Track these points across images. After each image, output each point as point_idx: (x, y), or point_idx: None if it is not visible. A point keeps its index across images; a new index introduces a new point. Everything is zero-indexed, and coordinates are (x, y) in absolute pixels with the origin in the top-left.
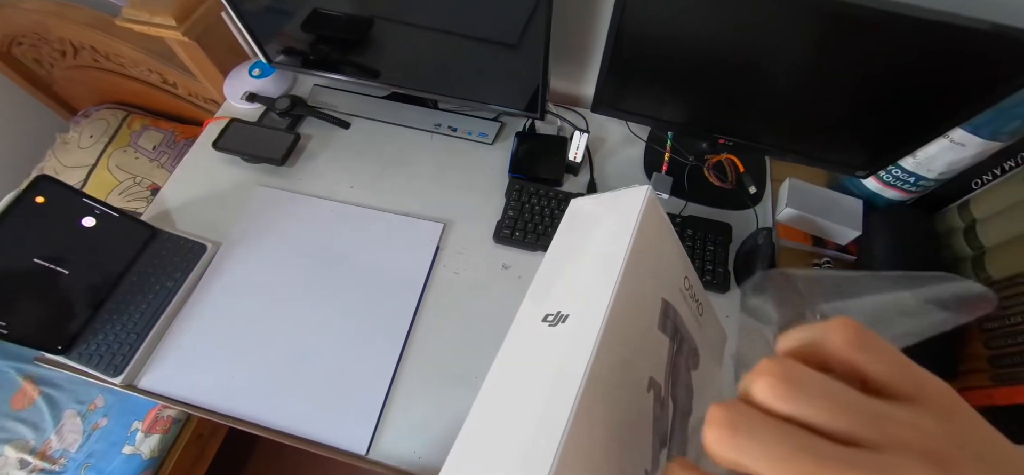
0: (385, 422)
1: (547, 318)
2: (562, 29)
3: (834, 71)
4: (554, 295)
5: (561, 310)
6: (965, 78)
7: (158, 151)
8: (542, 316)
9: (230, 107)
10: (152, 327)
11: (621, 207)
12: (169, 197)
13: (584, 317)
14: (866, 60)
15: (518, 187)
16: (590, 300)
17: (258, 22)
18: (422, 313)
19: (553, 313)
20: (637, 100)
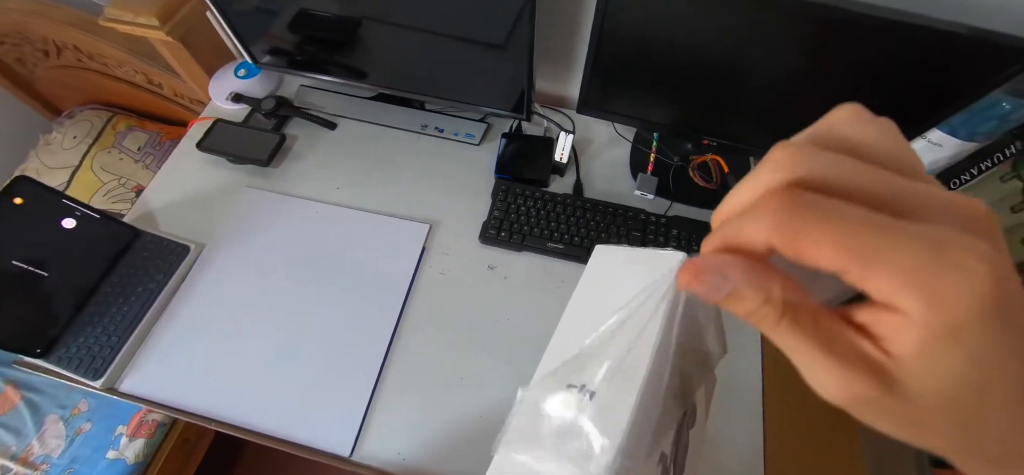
0: (369, 424)
1: (571, 387)
2: (547, 30)
3: (814, 73)
4: (582, 366)
5: (586, 383)
6: (941, 80)
7: (143, 152)
8: (566, 384)
9: (215, 108)
10: (134, 330)
11: (656, 270)
12: (152, 198)
13: (613, 400)
14: (845, 62)
15: (504, 188)
16: (619, 384)
17: (243, 22)
18: (407, 314)
19: (578, 385)
20: (622, 101)
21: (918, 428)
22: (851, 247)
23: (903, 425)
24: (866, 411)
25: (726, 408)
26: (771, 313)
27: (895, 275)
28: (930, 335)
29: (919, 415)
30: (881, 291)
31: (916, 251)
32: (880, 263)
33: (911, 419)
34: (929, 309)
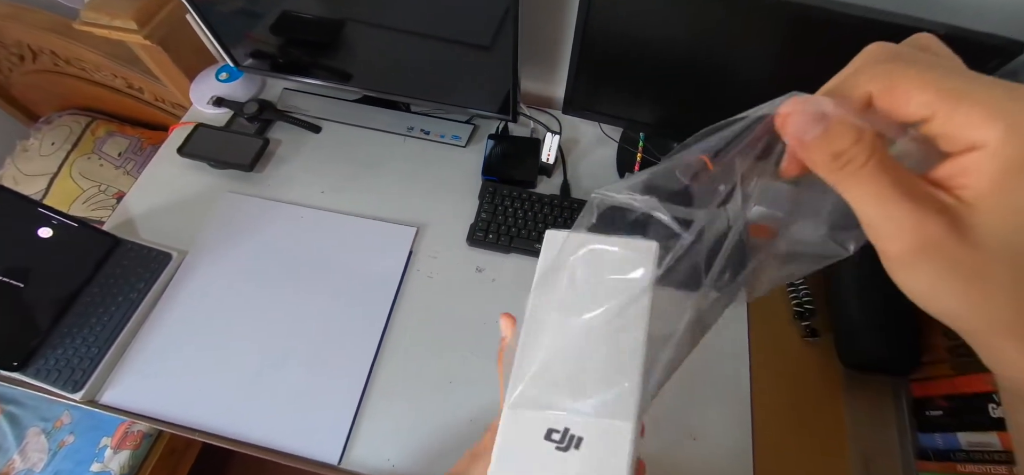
0: (358, 430)
1: (552, 436)
2: (532, 31)
3: (795, 71)
4: (557, 399)
5: (570, 429)
6: None
7: (124, 158)
8: (545, 432)
9: (197, 112)
10: (115, 340)
11: (628, 267)
12: (133, 205)
13: (604, 448)
14: (825, 60)
15: (491, 189)
16: (607, 424)
17: (224, 25)
18: (395, 318)
19: (560, 430)
20: (607, 102)
21: (977, 280)
22: (942, 89)
23: (961, 276)
24: (929, 262)
25: (714, 403)
26: (861, 152)
27: (980, 107)
28: (1005, 166)
29: (981, 263)
30: (966, 124)
31: (997, 90)
32: (967, 99)
33: (971, 268)
34: (1008, 136)
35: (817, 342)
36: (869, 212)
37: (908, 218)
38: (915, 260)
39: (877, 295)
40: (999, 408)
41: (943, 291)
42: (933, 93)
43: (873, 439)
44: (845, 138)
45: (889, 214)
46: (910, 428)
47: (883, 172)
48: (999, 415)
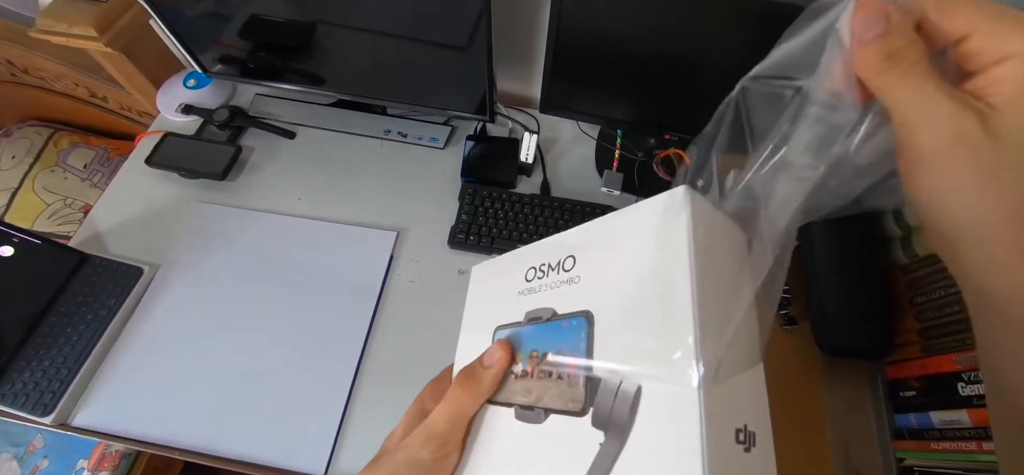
0: (343, 440)
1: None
2: (506, 31)
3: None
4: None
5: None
6: None
7: (90, 170)
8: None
9: (165, 120)
10: (85, 360)
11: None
12: (100, 219)
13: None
14: None
15: (471, 191)
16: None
17: (190, 30)
18: (378, 325)
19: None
20: (583, 100)
21: (996, 174)
22: (984, 9)
23: (982, 171)
24: (959, 154)
25: None
26: (914, 51)
27: (1014, 22)
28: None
29: (1002, 159)
30: (1002, 37)
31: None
32: (1004, 17)
33: (993, 163)
34: None
35: (795, 330)
36: (914, 108)
37: (948, 112)
38: (948, 151)
39: (852, 283)
40: (968, 387)
41: (965, 185)
42: (976, 12)
43: (851, 421)
44: (903, 38)
45: (932, 109)
46: (886, 410)
47: (930, 73)
48: (968, 393)
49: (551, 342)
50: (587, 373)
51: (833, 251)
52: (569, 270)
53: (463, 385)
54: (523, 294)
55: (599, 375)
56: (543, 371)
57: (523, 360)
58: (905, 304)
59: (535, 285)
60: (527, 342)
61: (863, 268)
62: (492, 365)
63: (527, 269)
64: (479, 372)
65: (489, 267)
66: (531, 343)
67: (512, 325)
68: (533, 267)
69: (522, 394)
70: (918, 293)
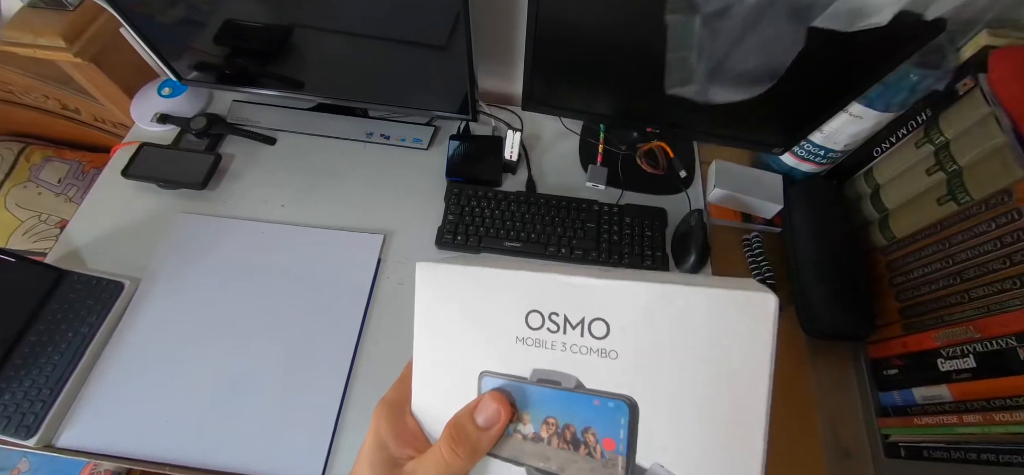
0: (338, 447)
1: None
2: (486, 29)
3: None
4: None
5: None
6: (856, 57)
7: (65, 184)
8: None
9: (140, 131)
10: (68, 379)
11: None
12: (77, 234)
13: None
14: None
15: (457, 191)
16: None
17: (163, 37)
18: (368, 329)
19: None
20: (565, 95)
21: None
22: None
23: None
24: None
25: None
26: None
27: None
28: None
29: None
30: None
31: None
32: None
33: None
34: None
35: (781, 315)
36: None
37: None
38: None
39: (833, 268)
40: (947, 362)
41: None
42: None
43: (838, 401)
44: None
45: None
46: (870, 388)
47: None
48: (947, 368)
49: (577, 416)
50: (627, 453)
51: (814, 237)
52: (600, 339)
53: (454, 448)
54: (525, 343)
55: (644, 465)
56: (564, 440)
57: (533, 422)
58: (885, 285)
59: (544, 337)
60: (539, 405)
61: (843, 252)
62: (490, 427)
63: (528, 311)
64: (473, 434)
65: (450, 275)
66: (546, 408)
67: (511, 377)
68: (539, 312)
69: (537, 458)
70: (897, 274)
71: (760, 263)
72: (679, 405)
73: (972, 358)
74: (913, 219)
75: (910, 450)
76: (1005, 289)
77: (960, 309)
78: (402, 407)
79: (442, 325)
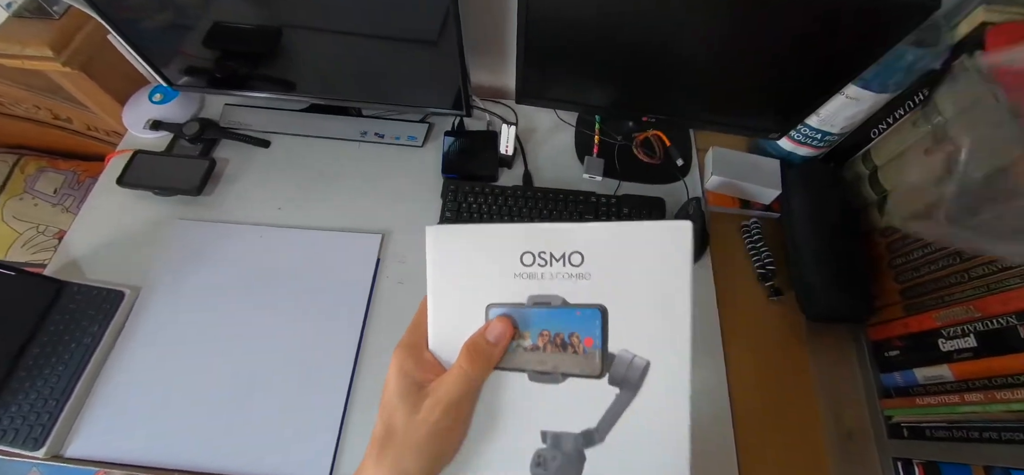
0: (344, 446)
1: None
2: (477, 22)
3: (735, 42)
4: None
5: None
6: (851, 39)
7: (61, 195)
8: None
9: (133, 138)
10: (73, 389)
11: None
12: (75, 244)
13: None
14: (763, 30)
15: (453, 187)
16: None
17: (152, 43)
18: (370, 329)
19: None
20: (558, 87)
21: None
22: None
23: None
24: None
25: (698, 389)
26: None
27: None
28: None
29: None
30: None
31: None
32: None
33: None
34: None
35: (781, 300)
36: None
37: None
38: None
39: (832, 251)
40: (948, 342)
41: None
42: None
43: (840, 384)
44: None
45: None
46: (872, 370)
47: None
48: (948, 348)
49: (564, 325)
50: (603, 346)
51: (813, 221)
52: (578, 265)
53: (472, 360)
54: (521, 277)
55: (614, 352)
56: (555, 345)
57: (531, 337)
58: (884, 266)
59: (535, 271)
60: (535, 322)
61: (842, 235)
62: (499, 341)
63: (521, 253)
64: (486, 348)
65: (454, 235)
66: (540, 323)
67: (511, 305)
68: (531, 252)
69: (537, 363)
70: (896, 255)
71: (759, 249)
72: (634, 305)
73: (973, 337)
74: (912, 200)
75: (913, 430)
76: (1004, 268)
77: (960, 289)
78: (419, 346)
79: (452, 274)
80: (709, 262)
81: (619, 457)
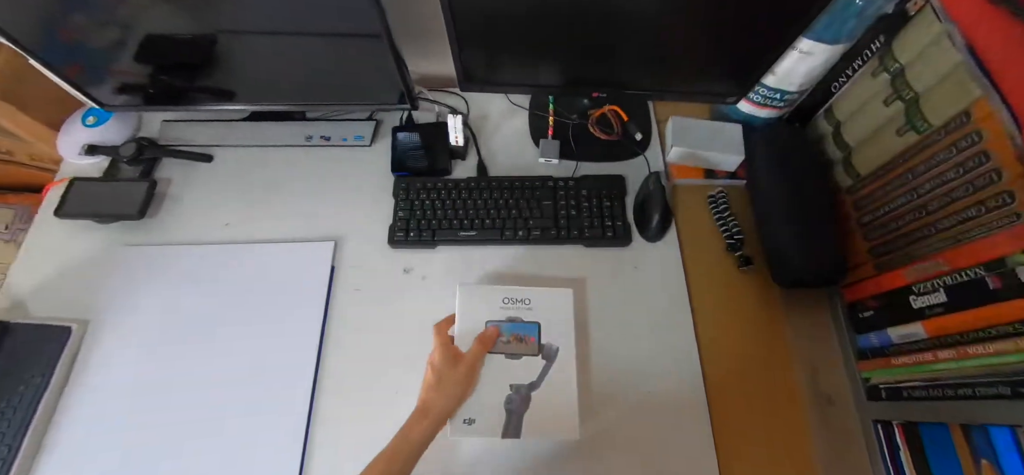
0: (310, 464)
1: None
2: (405, 7)
3: (678, 2)
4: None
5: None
6: None
7: (12, 230)
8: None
9: (70, 165)
10: (24, 434)
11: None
12: (18, 282)
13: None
14: None
15: (404, 185)
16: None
17: (77, 64)
18: (329, 339)
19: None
20: (502, 70)
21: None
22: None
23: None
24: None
25: (660, 342)
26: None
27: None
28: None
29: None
30: None
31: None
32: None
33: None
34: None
35: (752, 269)
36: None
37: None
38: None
39: (800, 215)
40: (919, 298)
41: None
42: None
43: (816, 349)
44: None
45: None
46: (847, 332)
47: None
48: (920, 305)
49: (522, 330)
50: (539, 341)
51: (778, 185)
52: (528, 304)
53: (482, 344)
54: (503, 308)
55: (544, 342)
56: (517, 339)
57: (505, 335)
58: (853, 225)
59: (508, 306)
60: (507, 329)
61: (809, 197)
62: (491, 336)
63: (503, 298)
64: (488, 338)
65: (472, 290)
66: (510, 330)
67: (498, 320)
68: (508, 298)
69: (508, 349)
70: (864, 213)
71: (727, 219)
72: (552, 323)
73: (942, 292)
74: (875, 154)
75: (890, 391)
76: (970, 218)
77: (928, 242)
78: (449, 338)
79: (470, 306)
80: (675, 238)
81: (546, 395)
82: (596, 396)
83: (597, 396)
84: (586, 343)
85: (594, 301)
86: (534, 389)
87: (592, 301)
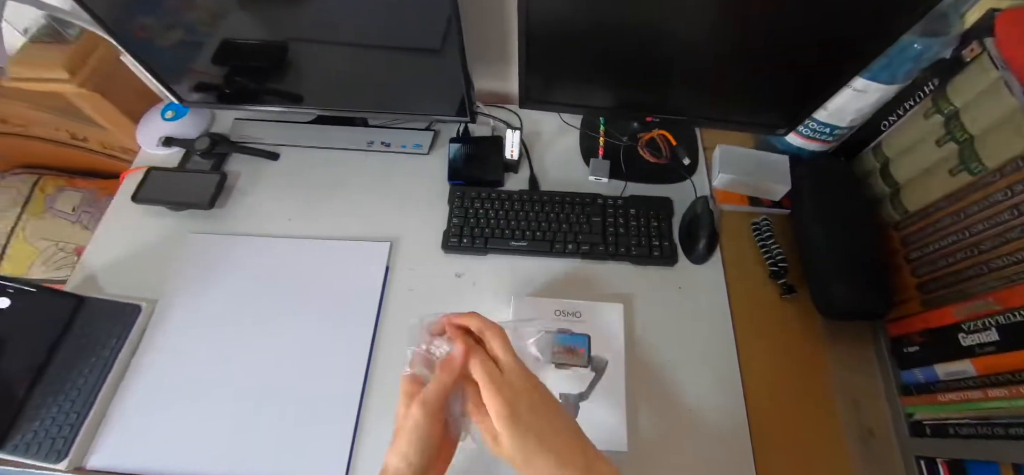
0: (359, 454)
1: None
2: (479, 29)
3: (737, 37)
4: None
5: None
6: (856, 30)
7: (79, 212)
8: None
9: (147, 155)
10: (94, 402)
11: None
12: (92, 260)
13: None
14: (766, 23)
15: (459, 193)
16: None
17: (162, 61)
18: (381, 335)
19: None
20: (561, 91)
21: (515, 464)
22: (483, 375)
23: (508, 461)
24: (494, 445)
25: (704, 369)
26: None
27: (491, 391)
28: (501, 429)
29: (510, 458)
30: (487, 396)
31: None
32: (489, 384)
33: (509, 460)
34: (496, 418)
35: (795, 298)
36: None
37: (484, 427)
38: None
39: (846, 246)
40: (969, 337)
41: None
42: (481, 372)
43: (859, 382)
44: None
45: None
46: (891, 367)
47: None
48: (969, 343)
49: (573, 342)
50: (589, 353)
51: (824, 216)
52: (579, 317)
53: (445, 372)
54: (556, 318)
55: (594, 355)
56: (567, 350)
57: (561, 345)
58: (900, 261)
59: (560, 318)
60: (559, 341)
61: (856, 229)
62: (455, 363)
63: (554, 310)
64: (449, 366)
65: (526, 300)
66: (562, 341)
67: (551, 332)
68: (560, 311)
69: (562, 358)
70: (912, 249)
71: (770, 246)
72: (601, 336)
73: (994, 331)
74: (925, 192)
75: (936, 428)
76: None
77: (980, 281)
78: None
79: (521, 315)
80: (719, 261)
81: (595, 406)
82: (640, 412)
83: (641, 412)
84: (632, 359)
85: (639, 318)
86: (583, 400)
87: (637, 318)
